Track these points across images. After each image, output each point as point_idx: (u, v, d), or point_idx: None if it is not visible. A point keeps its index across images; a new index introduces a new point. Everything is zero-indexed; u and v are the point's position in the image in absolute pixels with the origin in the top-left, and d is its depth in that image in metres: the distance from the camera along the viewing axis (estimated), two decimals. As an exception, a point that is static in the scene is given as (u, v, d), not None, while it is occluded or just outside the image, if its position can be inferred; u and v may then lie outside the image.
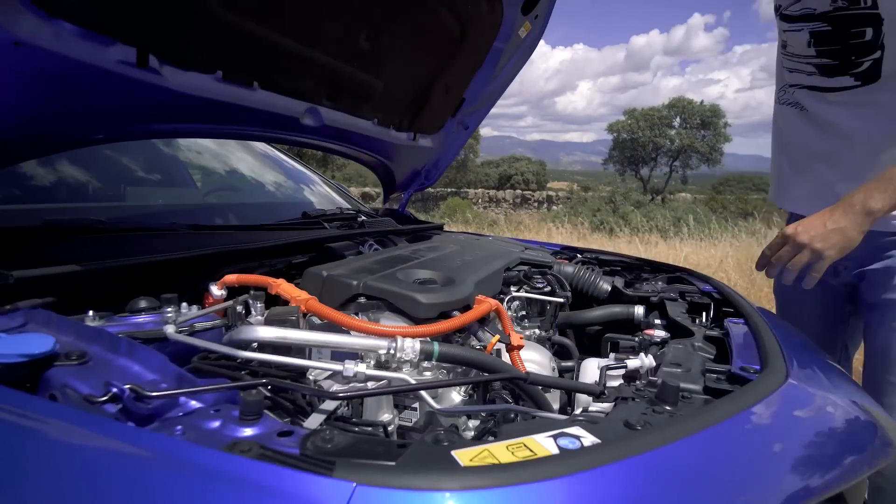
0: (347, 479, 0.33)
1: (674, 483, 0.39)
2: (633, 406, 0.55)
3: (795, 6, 1.10)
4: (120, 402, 0.43)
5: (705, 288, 1.14)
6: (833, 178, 1.08)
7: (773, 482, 0.42)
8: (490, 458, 0.38)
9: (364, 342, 0.60)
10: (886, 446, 0.55)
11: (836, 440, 0.53)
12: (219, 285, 0.81)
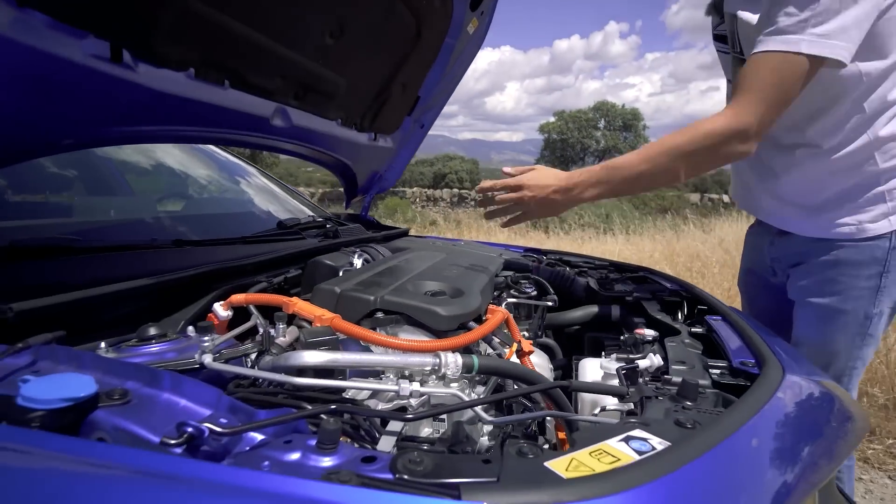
0: (477, 501, 0.34)
1: (740, 473, 0.44)
2: (658, 404, 0.60)
3: (721, 27, 1.19)
4: (195, 441, 0.41)
5: (672, 286, 1.24)
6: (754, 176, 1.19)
7: (801, 462, 0.49)
8: (583, 467, 0.41)
9: (411, 360, 0.60)
10: (864, 423, 0.65)
11: (834, 421, 0.61)
12: (224, 306, 0.77)
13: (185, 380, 0.50)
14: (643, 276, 1.37)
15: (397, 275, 0.92)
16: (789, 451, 0.51)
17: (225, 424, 0.43)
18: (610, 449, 0.44)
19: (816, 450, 0.53)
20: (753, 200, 1.22)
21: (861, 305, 1.03)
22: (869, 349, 1.07)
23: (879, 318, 1.04)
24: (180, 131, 0.98)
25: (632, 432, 0.48)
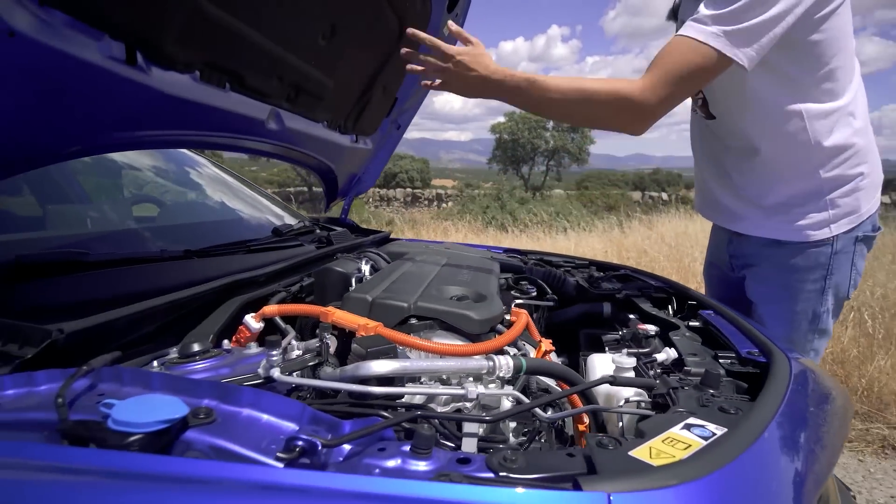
0: (598, 490, 0.38)
1: (791, 450, 0.50)
2: (687, 394, 0.66)
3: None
4: (306, 454, 0.42)
5: (657, 283, 1.33)
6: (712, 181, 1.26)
7: (822, 439, 0.56)
8: (664, 454, 0.45)
9: (470, 364, 0.63)
10: (850, 403, 0.74)
11: (837, 401, 0.70)
12: (256, 318, 0.76)
13: (263, 394, 0.50)
14: (626, 273, 1.45)
15: (416, 281, 0.94)
16: (813, 430, 0.58)
17: (329, 438, 0.44)
18: (678, 436, 0.49)
19: (830, 428, 0.61)
20: (713, 202, 1.28)
21: (810, 305, 1.13)
22: (821, 342, 1.17)
23: (827, 315, 1.14)
24: (182, 136, 0.95)
25: (689, 420, 0.53)
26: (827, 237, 1.09)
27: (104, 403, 0.45)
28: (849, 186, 1.09)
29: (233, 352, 0.64)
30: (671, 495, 0.38)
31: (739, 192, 1.19)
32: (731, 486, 0.42)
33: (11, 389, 0.49)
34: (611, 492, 0.38)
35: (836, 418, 0.66)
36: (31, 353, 0.52)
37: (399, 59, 1.63)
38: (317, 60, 1.24)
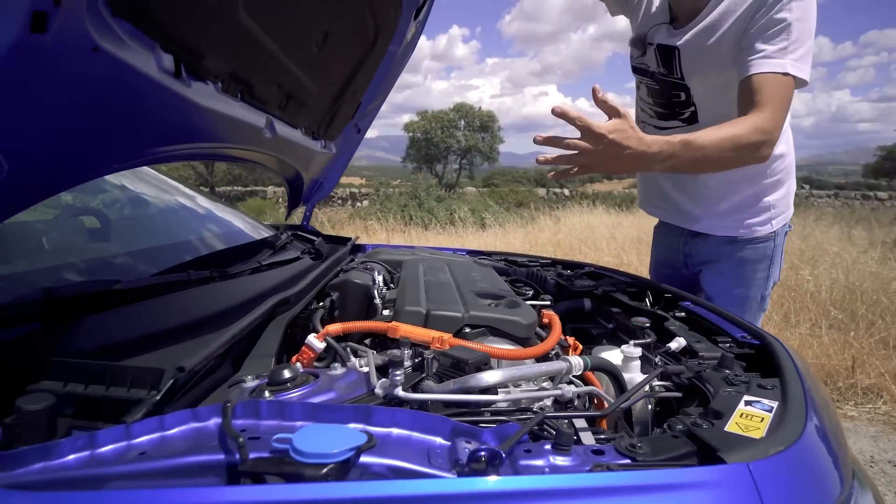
0: (741, 462, 0.46)
1: (826, 409, 0.63)
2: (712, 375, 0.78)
3: (638, 59, 1.42)
4: (490, 463, 0.45)
5: (626, 279, 1.49)
6: (670, 187, 1.45)
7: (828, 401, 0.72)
8: (750, 427, 0.56)
9: (554, 367, 0.69)
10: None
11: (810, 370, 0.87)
12: (319, 337, 0.75)
13: (397, 412, 0.52)
14: (594, 271, 1.60)
15: (446, 290, 0.98)
16: (822, 391, 0.73)
17: (494, 445, 0.48)
18: (748, 411, 0.60)
19: (825, 391, 0.77)
20: (671, 206, 1.46)
21: (758, 291, 1.37)
22: (761, 318, 1.44)
23: (768, 296, 1.40)
24: (199, 149, 0.90)
25: (746, 397, 0.64)
26: (770, 233, 1.32)
27: (276, 439, 0.45)
28: (783, 190, 1.33)
29: (320, 375, 0.64)
30: (790, 456, 0.48)
31: (699, 197, 1.37)
32: (814, 444, 0.53)
33: (145, 436, 0.46)
34: (748, 461, 0.47)
35: (818, 381, 0.83)
36: (158, 396, 0.49)
37: (371, 64, 1.63)
38: (308, 67, 1.22)
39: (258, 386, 0.61)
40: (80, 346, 0.59)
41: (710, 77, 1.24)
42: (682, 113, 1.34)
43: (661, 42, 1.30)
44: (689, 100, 1.30)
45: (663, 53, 1.30)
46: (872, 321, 3.42)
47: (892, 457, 2.08)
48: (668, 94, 1.34)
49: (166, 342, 0.64)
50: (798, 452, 0.50)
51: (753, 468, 0.46)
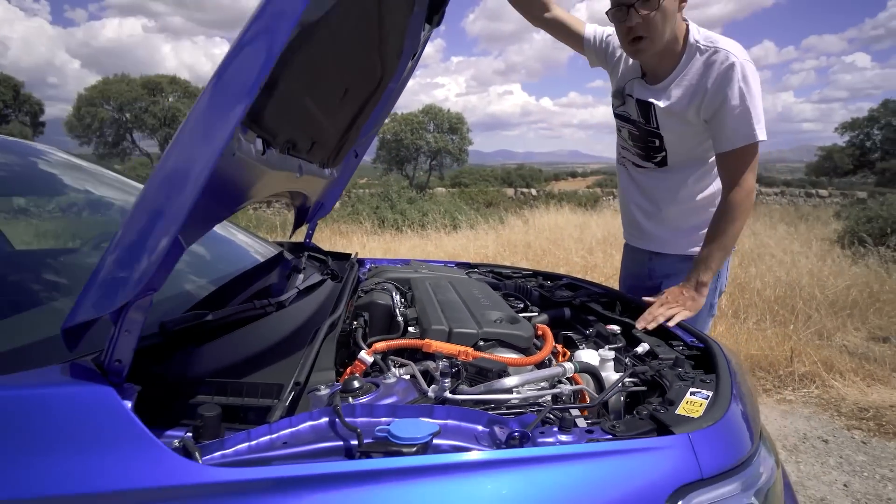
0: (683, 433, 0.70)
1: (747, 396, 0.88)
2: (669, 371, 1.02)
3: (619, 108, 1.68)
4: (522, 440, 0.67)
5: (598, 290, 1.74)
6: (640, 217, 1.76)
7: (750, 384, 0.98)
8: (693, 409, 0.80)
9: (555, 370, 0.92)
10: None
11: (741, 362, 1.13)
12: (370, 352, 0.96)
13: (450, 409, 0.74)
14: (571, 282, 1.85)
15: (458, 308, 1.19)
16: (746, 382, 0.99)
17: (521, 429, 0.70)
18: (692, 399, 0.84)
19: (748, 379, 1.03)
20: (642, 234, 1.74)
21: (709, 299, 1.61)
22: (711, 322, 1.71)
23: (716, 304, 1.68)
24: (257, 199, 1.08)
25: (691, 389, 0.89)
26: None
27: (378, 429, 0.65)
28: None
29: (380, 384, 0.84)
30: (718, 427, 0.72)
31: (665, 223, 1.65)
32: (734, 419, 0.78)
33: (283, 431, 0.66)
34: (689, 432, 0.70)
35: (746, 373, 1.09)
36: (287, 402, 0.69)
37: (374, 101, 1.82)
38: (332, 117, 1.40)
39: (332, 393, 0.81)
40: (207, 367, 0.77)
41: (679, 132, 1.51)
42: (655, 157, 1.61)
43: (639, 97, 1.54)
44: (662, 146, 1.57)
45: (642, 106, 1.54)
46: (809, 315, 3.86)
47: (822, 434, 2.44)
48: (646, 139, 1.60)
49: (265, 363, 0.83)
50: (722, 426, 0.74)
51: (693, 437, 0.70)
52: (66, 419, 0.59)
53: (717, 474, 0.68)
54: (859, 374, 3.00)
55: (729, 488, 0.69)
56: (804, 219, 11.54)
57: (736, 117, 1.35)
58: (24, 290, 1.03)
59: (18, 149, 1.47)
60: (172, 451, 0.58)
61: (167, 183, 0.60)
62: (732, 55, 1.35)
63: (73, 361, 0.66)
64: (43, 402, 0.60)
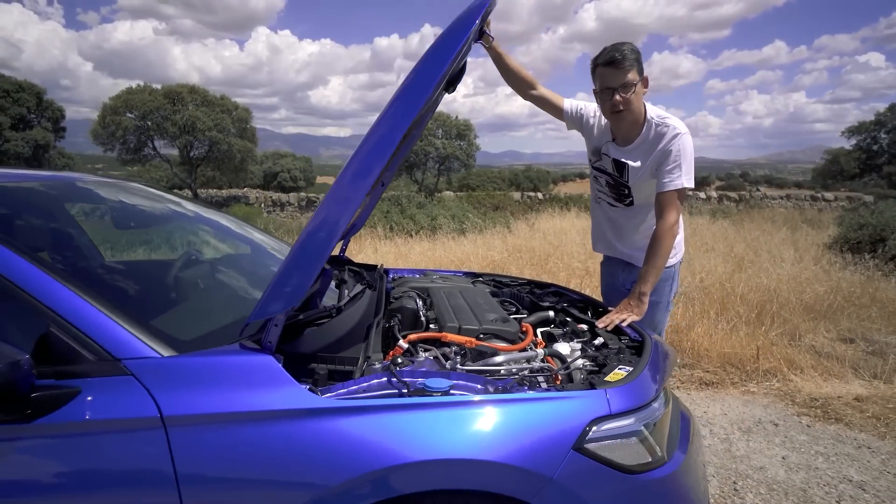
0: (602, 388, 1.15)
1: (657, 369, 1.34)
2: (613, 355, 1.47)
3: (597, 163, 2.16)
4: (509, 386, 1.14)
5: (577, 297, 2.19)
6: (613, 239, 2.25)
7: (666, 364, 1.43)
8: (618, 378, 1.25)
9: (527, 355, 1.38)
10: (675, 355, 1.65)
11: (670, 351, 1.58)
12: (405, 341, 1.42)
13: (461, 374, 1.20)
14: (557, 290, 2.30)
15: (464, 310, 1.65)
16: (660, 363, 1.44)
17: (501, 385, 1.17)
18: (617, 372, 1.30)
19: (669, 361, 1.48)
20: (614, 250, 2.22)
21: (665, 298, 2.11)
22: (667, 317, 2.18)
23: (671, 302, 2.16)
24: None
25: (618, 366, 1.34)
26: (673, 264, 2.06)
27: (418, 383, 1.12)
28: (680, 236, 2.07)
29: (415, 360, 1.31)
30: (625, 387, 1.18)
31: (633, 244, 2.13)
32: (639, 383, 1.23)
33: (363, 383, 1.13)
34: (605, 388, 1.16)
35: (670, 357, 1.54)
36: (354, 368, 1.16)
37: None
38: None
39: (384, 365, 1.28)
40: (308, 347, 1.24)
41: (643, 183, 2.00)
42: (625, 200, 2.11)
43: (615, 157, 2.03)
44: (630, 193, 2.07)
45: (617, 164, 2.03)
46: (786, 318, 4.26)
47: (774, 419, 2.86)
48: (619, 188, 2.10)
49: (341, 347, 1.29)
50: (628, 386, 1.20)
51: (608, 392, 1.16)
52: (245, 373, 1.06)
53: (619, 412, 1.14)
54: (818, 370, 3.42)
55: (626, 421, 1.14)
56: (808, 223, 11.86)
57: (671, 170, 1.86)
58: (189, 291, 1.51)
59: (139, 191, 1.97)
60: (307, 390, 1.05)
61: (323, 226, 1.07)
62: (676, 129, 1.89)
63: (242, 342, 1.13)
64: (232, 364, 1.07)
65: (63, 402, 0.97)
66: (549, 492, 1.03)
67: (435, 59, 1.20)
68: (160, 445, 0.97)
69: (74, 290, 1.06)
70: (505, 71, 2.17)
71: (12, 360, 0.89)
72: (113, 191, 1.94)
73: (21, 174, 1.75)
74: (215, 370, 1.06)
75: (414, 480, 1.01)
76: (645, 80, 1.91)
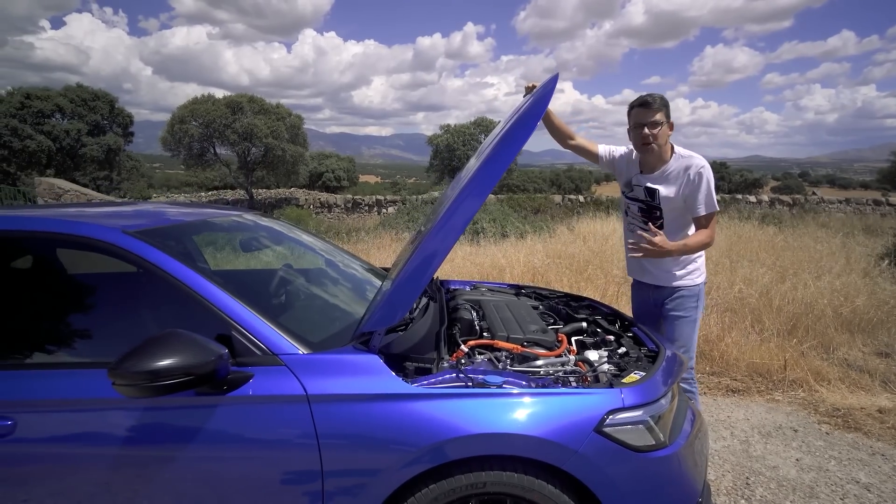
0: (619, 388, 1.53)
1: (667, 373, 1.69)
2: (634, 363, 1.83)
3: (630, 193, 2.53)
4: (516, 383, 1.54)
5: (607, 310, 2.54)
6: (645, 262, 2.57)
7: (676, 369, 1.77)
8: (633, 380, 1.61)
9: (562, 360, 1.77)
10: (685, 364, 1.97)
11: (681, 361, 1.91)
12: (467, 346, 1.84)
13: (510, 373, 1.61)
14: (590, 304, 2.66)
15: (511, 322, 2.06)
16: (670, 368, 1.79)
17: (542, 381, 1.57)
18: (633, 375, 1.66)
19: (677, 368, 1.83)
20: (646, 273, 2.55)
21: (692, 314, 2.43)
22: (697, 334, 2.50)
23: (699, 318, 2.48)
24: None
25: (634, 370, 1.71)
26: (698, 283, 2.42)
27: (480, 379, 1.53)
28: (702, 260, 2.41)
29: (473, 361, 1.73)
30: (637, 387, 1.55)
31: (662, 264, 2.46)
32: (649, 384, 1.60)
33: (438, 377, 1.55)
34: (620, 388, 1.54)
35: (679, 365, 1.89)
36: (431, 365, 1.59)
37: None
38: None
39: (451, 364, 1.70)
40: (397, 349, 1.68)
41: (671, 207, 2.37)
42: (656, 223, 2.45)
43: (646, 184, 2.41)
44: (661, 217, 2.43)
45: (649, 191, 2.41)
46: (821, 331, 4.39)
47: (794, 425, 3.09)
48: (651, 213, 2.46)
49: (423, 348, 1.73)
50: (640, 387, 1.57)
51: (623, 390, 1.54)
52: (360, 368, 1.51)
53: (631, 406, 1.51)
54: (845, 382, 3.59)
55: (636, 413, 1.51)
56: (866, 231, 11.42)
57: (704, 196, 2.30)
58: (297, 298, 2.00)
59: (238, 223, 2.50)
60: (402, 380, 1.49)
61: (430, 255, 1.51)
62: (700, 163, 2.32)
63: (354, 345, 1.58)
64: (351, 361, 1.52)
65: (243, 382, 1.45)
66: (575, 461, 1.43)
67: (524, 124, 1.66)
68: (306, 413, 1.43)
69: (244, 303, 1.54)
70: (550, 125, 2.58)
71: (219, 353, 1.37)
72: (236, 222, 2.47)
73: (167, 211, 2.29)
74: (340, 365, 1.51)
75: (478, 446, 1.43)
76: (671, 125, 2.35)
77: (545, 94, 1.79)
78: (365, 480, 1.43)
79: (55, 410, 1.47)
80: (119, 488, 1.46)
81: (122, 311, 1.77)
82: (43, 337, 1.66)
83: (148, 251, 1.59)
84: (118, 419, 1.46)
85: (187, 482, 1.45)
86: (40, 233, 1.70)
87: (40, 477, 1.46)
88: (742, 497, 2.37)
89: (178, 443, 1.43)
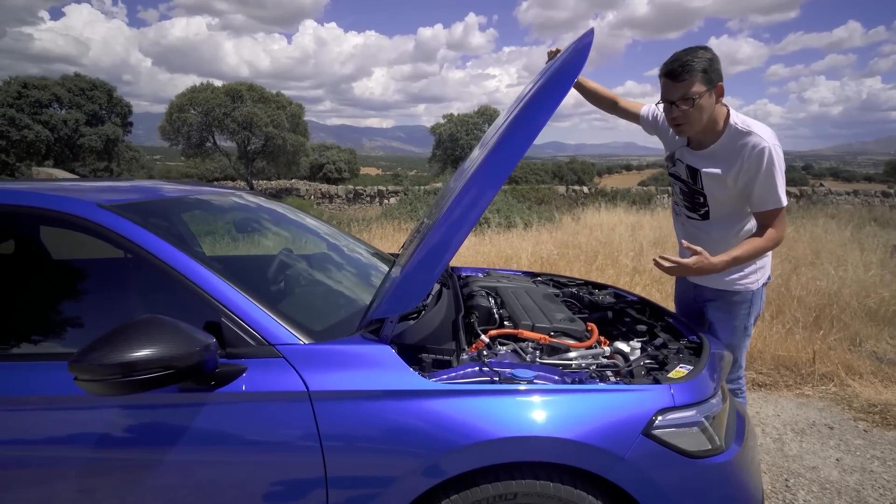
0: (667, 384, 1.32)
1: (714, 369, 1.49)
2: (673, 355, 1.63)
3: (672, 169, 2.13)
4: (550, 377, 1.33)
5: (633, 297, 2.33)
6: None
7: (723, 365, 1.57)
8: (679, 375, 1.41)
9: (595, 352, 1.56)
10: (730, 359, 1.78)
11: (726, 355, 1.71)
12: (487, 336, 1.64)
13: (540, 367, 1.40)
14: (614, 292, 2.45)
15: (534, 310, 1.85)
16: (717, 363, 1.58)
17: (577, 375, 1.36)
18: (679, 370, 1.46)
19: (724, 363, 1.63)
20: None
21: (742, 322, 2.10)
22: (748, 341, 2.16)
23: (751, 326, 2.12)
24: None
25: (680, 364, 1.50)
26: (751, 288, 2.03)
27: (507, 372, 1.33)
28: (763, 260, 2.05)
29: (497, 353, 1.52)
30: (688, 383, 1.34)
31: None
32: (699, 380, 1.39)
33: (459, 371, 1.35)
34: (670, 384, 1.33)
35: (725, 360, 1.68)
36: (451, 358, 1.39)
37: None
38: None
39: (471, 356, 1.49)
40: (411, 339, 1.48)
41: (719, 192, 1.90)
42: (700, 210, 2.01)
43: (689, 163, 1.94)
44: (706, 202, 1.96)
45: (690, 171, 1.95)
46: (846, 323, 4.19)
47: (829, 422, 2.90)
48: (693, 196, 2.05)
49: (436, 340, 1.52)
50: (690, 383, 1.36)
51: (673, 387, 1.33)
52: (370, 360, 1.30)
53: (682, 405, 1.31)
54: (878, 376, 3.38)
55: (689, 412, 1.31)
56: (877, 222, 11.18)
57: (763, 188, 1.78)
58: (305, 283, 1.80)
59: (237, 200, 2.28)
60: (417, 374, 1.28)
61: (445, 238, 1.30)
62: (764, 140, 1.75)
63: (362, 334, 1.38)
64: (359, 352, 1.32)
65: (235, 377, 1.25)
66: (621, 469, 1.22)
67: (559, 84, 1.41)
68: (308, 412, 1.22)
69: (237, 287, 1.33)
70: (586, 92, 2.29)
71: (205, 343, 1.16)
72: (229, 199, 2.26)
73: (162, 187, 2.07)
74: (346, 356, 1.31)
75: (507, 452, 1.22)
76: (719, 89, 1.78)
77: (580, 50, 1.55)
78: (376, 490, 1.23)
79: (15, 409, 1.27)
80: (90, 498, 1.26)
81: (97, 297, 1.56)
82: (3, 326, 1.46)
83: (125, 226, 1.38)
84: (87, 419, 1.26)
85: (167, 490, 1.25)
86: (8, 206, 1.49)
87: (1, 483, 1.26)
88: (784, 502, 2.18)
89: (158, 446, 1.23)
